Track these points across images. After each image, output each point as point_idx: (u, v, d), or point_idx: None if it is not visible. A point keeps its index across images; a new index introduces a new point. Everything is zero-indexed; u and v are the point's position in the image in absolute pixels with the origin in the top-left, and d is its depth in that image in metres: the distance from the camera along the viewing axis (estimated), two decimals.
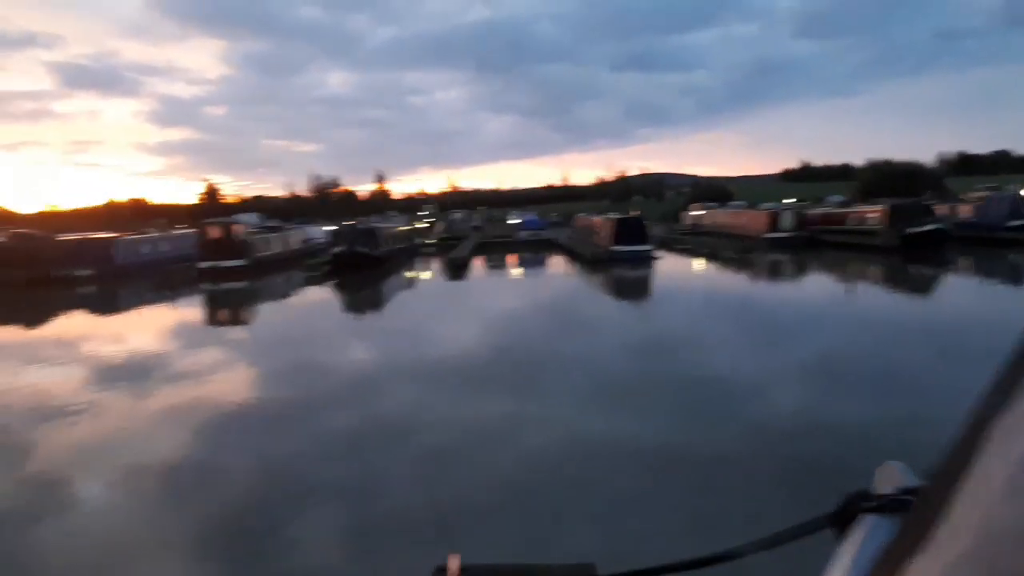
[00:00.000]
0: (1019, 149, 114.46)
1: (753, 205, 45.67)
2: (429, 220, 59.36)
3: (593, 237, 35.52)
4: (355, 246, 30.19)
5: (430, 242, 44.57)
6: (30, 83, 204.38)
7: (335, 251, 30.70)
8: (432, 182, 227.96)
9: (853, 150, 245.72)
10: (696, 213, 49.14)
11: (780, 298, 21.53)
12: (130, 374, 13.16)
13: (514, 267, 33.58)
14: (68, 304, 24.79)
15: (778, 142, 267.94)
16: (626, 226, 32.02)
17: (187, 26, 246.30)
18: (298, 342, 16.58)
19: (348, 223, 36.58)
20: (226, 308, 24.52)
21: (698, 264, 32.06)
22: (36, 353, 15.96)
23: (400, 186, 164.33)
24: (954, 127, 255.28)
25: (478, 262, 34.83)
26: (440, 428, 9.11)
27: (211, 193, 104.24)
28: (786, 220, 36.24)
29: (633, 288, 25.07)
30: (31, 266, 30.27)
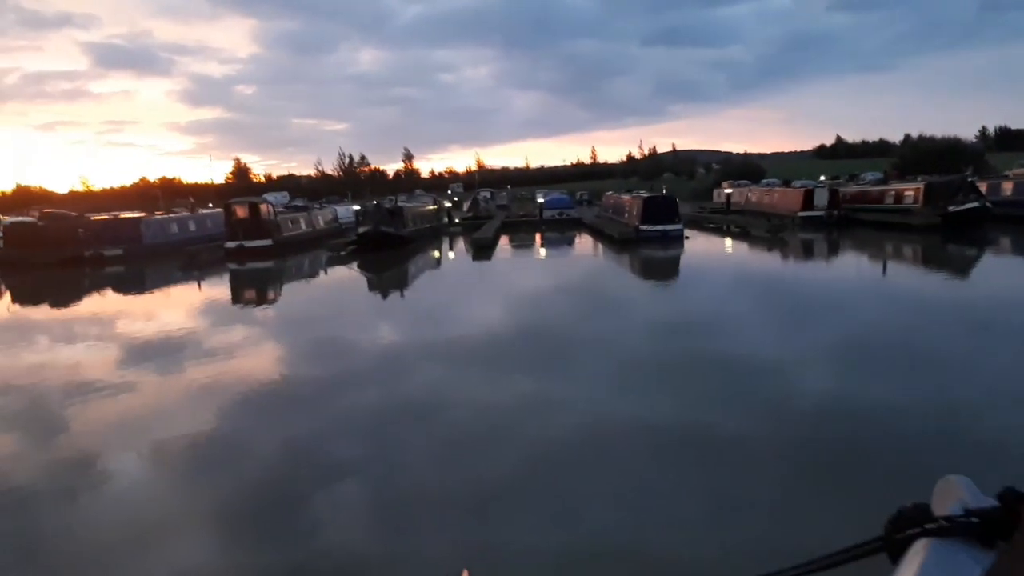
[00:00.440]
0: None
1: (787, 182, 44.38)
2: (455, 199, 59.04)
3: (622, 216, 34.88)
4: (380, 226, 30.07)
5: (456, 221, 44.33)
6: (66, 63, 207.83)
7: (360, 231, 30.65)
8: (460, 160, 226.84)
9: (890, 126, 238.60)
10: (728, 191, 48.12)
11: (815, 280, 20.86)
12: (160, 352, 13.30)
13: (540, 247, 33.23)
14: (98, 284, 25.25)
15: (812, 118, 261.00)
16: (656, 204, 31.16)
17: (218, 5, 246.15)
18: (322, 320, 16.64)
19: (374, 203, 36.48)
20: (252, 287, 24.66)
21: (730, 244, 31.35)
22: (70, 331, 16.24)
23: (428, 164, 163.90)
24: (996, 102, 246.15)
25: (503, 242, 34.51)
26: (466, 405, 9.09)
27: (240, 172, 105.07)
28: (820, 198, 35.09)
29: (661, 269, 24.54)
30: (63, 245, 30.73)
